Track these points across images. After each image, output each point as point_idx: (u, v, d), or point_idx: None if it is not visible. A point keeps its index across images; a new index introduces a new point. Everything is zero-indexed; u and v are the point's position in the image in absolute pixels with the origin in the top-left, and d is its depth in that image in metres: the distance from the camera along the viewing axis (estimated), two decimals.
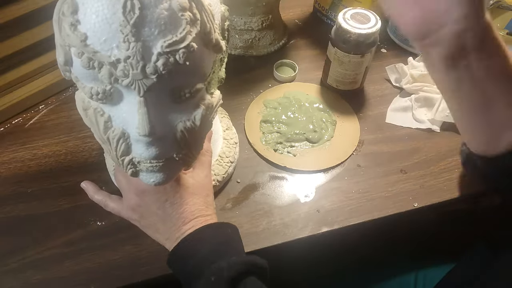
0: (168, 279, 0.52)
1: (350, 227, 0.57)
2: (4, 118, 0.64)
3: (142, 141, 0.39)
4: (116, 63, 0.34)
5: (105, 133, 0.40)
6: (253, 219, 0.56)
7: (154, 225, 0.48)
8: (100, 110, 0.39)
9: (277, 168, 0.62)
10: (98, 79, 0.36)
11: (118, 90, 0.37)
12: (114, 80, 0.35)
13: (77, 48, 0.34)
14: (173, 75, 0.36)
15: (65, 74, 0.38)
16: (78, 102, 0.40)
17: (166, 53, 0.34)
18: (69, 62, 0.37)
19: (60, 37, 0.35)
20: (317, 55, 0.78)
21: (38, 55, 0.63)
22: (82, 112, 0.40)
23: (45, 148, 0.61)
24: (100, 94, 0.37)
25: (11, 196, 0.56)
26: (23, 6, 0.56)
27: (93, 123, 0.40)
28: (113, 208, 0.51)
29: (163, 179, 0.42)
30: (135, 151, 0.40)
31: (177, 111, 0.40)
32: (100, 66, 0.35)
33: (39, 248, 0.52)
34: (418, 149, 0.65)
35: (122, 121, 0.39)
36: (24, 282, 0.49)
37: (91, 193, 0.52)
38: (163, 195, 0.47)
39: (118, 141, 0.40)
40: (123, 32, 0.33)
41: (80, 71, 0.36)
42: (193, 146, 0.43)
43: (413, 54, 0.77)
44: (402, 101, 0.71)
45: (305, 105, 0.69)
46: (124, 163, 0.41)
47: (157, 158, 0.40)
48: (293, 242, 0.55)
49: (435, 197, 0.59)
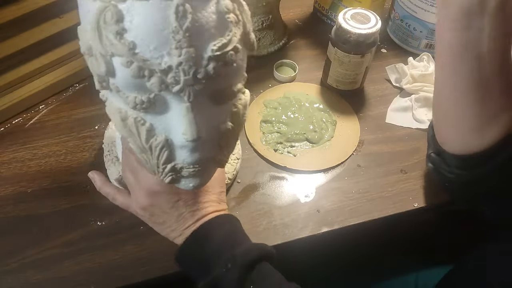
0: (168, 279, 0.52)
1: (350, 227, 0.57)
2: (4, 118, 0.64)
3: (187, 147, 0.38)
4: (167, 70, 0.33)
5: (147, 142, 0.39)
6: (253, 219, 0.56)
7: (165, 223, 0.48)
8: (141, 119, 0.38)
9: (277, 168, 0.62)
10: (143, 88, 0.35)
11: (161, 97, 0.36)
12: (164, 88, 0.34)
13: (126, 57, 0.33)
14: (220, 77, 0.36)
15: (101, 85, 0.36)
16: (114, 113, 0.38)
17: (216, 56, 0.34)
18: (111, 72, 0.35)
19: (101, 46, 0.34)
20: (317, 55, 0.78)
21: (38, 55, 0.63)
22: (119, 123, 0.38)
23: (45, 148, 0.61)
24: (145, 103, 0.36)
25: (11, 196, 0.56)
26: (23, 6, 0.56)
27: (133, 133, 0.38)
28: (122, 203, 0.50)
29: (201, 183, 0.42)
30: (179, 158, 0.40)
31: (218, 113, 0.40)
32: (150, 74, 0.34)
33: (39, 248, 0.52)
34: (418, 149, 0.65)
35: (165, 128, 0.38)
36: (24, 282, 0.49)
37: (98, 184, 0.52)
38: (175, 196, 0.47)
39: (161, 149, 0.39)
40: (175, 39, 0.32)
41: (124, 81, 0.35)
42: (230, 146, 0.43)
43: (413, 54, 0.77)
44: (402, 101, 0.71)
45: (305, 105, 0.69)
46: (165, 171, 0.40)
47: (200, 162, 0.40)
48: (293, 242, 0.55)
49: (435, 197, 0.59)
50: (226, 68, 0.36)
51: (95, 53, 0.34)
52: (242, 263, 0.43)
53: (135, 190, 0.48)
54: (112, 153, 0.56)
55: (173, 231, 0.48)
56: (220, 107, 0.39)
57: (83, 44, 0.36)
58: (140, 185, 0.47)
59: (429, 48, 0.77)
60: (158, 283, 0.52)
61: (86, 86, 0.70)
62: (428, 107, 0.70)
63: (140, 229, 0.54)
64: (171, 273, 0.51)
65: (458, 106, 0.47)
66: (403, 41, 0.80)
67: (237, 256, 0.43)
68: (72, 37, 0.64)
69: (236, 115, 0.41)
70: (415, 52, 0.78)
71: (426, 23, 0.74)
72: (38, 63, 0.63)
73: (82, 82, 0.70)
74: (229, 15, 0.35)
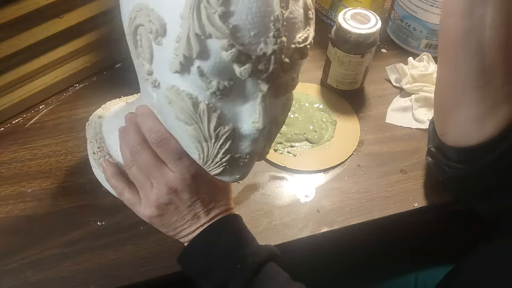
0: (169, 279, 0.52)
1: (350, 227, 0.57)
2: (4, 118, 0.64)
3: (251, 136, 0.39)
4: (261, 57, 0.34)
5: (216, 130, 0.38)
6: (253, 219, 0.56)
7: (177, 222, 0.47)
8: (213, 106, 0.37)
9: (277, 168, 0.62)
10: (228, 73, 0.35)
11: (239, 85, 0.36)
12: (254, 75, 0.35)
13: (228, 40, 0.32)
14: (294, 69, 0.37)
15: (181, 67, 0.35)
16: (182, 99, 0.37)
17: (299, 48, 0.36)
18: (203, 55, 0.34)
19: (199, 27, 0.32)
20: (317, 55, 0.78)
21: (38, 55, 0.62)
22: (188, 109, 0.37)
23: (45, 148, 0.61)
24: (226, 90, 0.36)
25: (11, 196, 0.56)
26: (23, 6, 0.56)
27: (202, 120, 0.38)
28: (129, 199, 0.48)
29: (245, 174, 0.43)
30: (240, 147, 0.40)
31: (276, 105, 0.41)
32: (246, 60, 0.34)
33: (39, 248, 0.52)
34: (418, 149, 0.65)
35: (233, 116, 0.38)
36: (24, 282, 0.49)
37: (109, 174, 0.49)
38: (196, 195, 0.46)
39: (227, 138, 0.39)
40: (275, 27, 0.33)
41: (215, 65, 0.34)
42: (275, 138, 0.44)
43: (413, 54, 0.77)
44: (402, 101, 0.71)
45: (305, 105, 0.69)
46: (222, 160, 0.40)
47: (256, 152, 0.41)
48: (293, 242, 0.55)
49: (435, 197, 0.59)
50: (301, 60, 0.37)
51: (189, 33, 0.33)
52: (252, 265, 0.43)
53: (146, 187, 0.46)
54: (104, 150, 0.53)
55: (185, 229, 0.47)
56: (278, 99, 0.40)
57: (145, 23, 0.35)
58: (158, 182, 0.45)
59: (429, 48, 0.77)
60: (158, 283, 0.52)
61: (86, 86, 0.70)
62: (428, 107, 0.70)
63: (140, 229, 0.54)
64: (171, 273, 0.51)
65: (459, 95, 0.47)
66: (403, 41, 0.80)
67: (248, 256, 0.43)
68: (72, 37, 0.65)
69: (287, 108, 0.43)
70: (415, 52, 0.78)
71: (426, 23, 0.74)
72: (38, 63, 0.63)
73: (82, 82, 0.70)
74: (309, 12, 0.36)
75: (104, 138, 0.53)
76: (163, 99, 0.39)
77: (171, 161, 0.44)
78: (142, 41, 0.37)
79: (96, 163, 0.53)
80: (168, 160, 0.44)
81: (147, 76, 0.39)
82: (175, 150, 0.43)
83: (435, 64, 0.74)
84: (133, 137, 0.45)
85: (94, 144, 0.53)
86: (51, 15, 0.60)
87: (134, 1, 0.36)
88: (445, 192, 0.60)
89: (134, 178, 0.47)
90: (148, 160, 0.44)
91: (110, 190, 0.51)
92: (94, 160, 0.54)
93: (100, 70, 0.71)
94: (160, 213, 0.46)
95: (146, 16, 0.35)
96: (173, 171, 0.44)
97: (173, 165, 0.44)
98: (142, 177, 0.46)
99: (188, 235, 0.47)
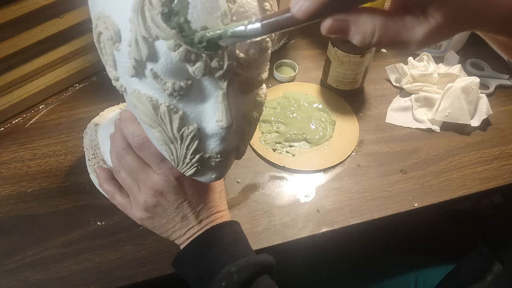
0: (168, 280, 0.52)
1: (350, 227, 0.57)
2: (4, 118, 0.64)
3: (218, 135, 0.38)
4: (213, 54, 0.33)
5: (179, 131, 0.38)
6: (253, 219, 0.56)
7: (168, 223, 0.47)
8: (174, 107, 0.37)
9: (277, 168, 0.62)
10: (183, 73, 0.34)
11: (198, 84, 0.36)
12: (208, 73, 0.34)
13: (174, 41, 0.32)
14: (254, 64, 0.36)
15: (135, 70, 0.35)
16: (143, 102, 0.37)
17: (256, 42, 0.35)
18: (152, 57, 0.33)
19: (145, 29, 0.32)
20: (317, 55, 0.78)
21: (38, 55, 0.63)
22: (149, 112, 0.37)
23: (45, 148, 0.61)
24: (183, 90, 0.35)
25: (11, 196, 0.56)
26: (23, 6, 0.56)
27: (164, 122, 0.37)
28: (121, 203, 0.49)
29: (222, 174, 0.42)
30: (208, 147, 0.39)
31: (245, 102, 0.40)
32: (196, 59, 0.33)
33: (39, 248, 0.52)
34: (418, 149, 0.65)
35: (197, 117, 0.38)
36: (24, 282, 0.49)
37: (101, 180, 0.50)
38: (182, 196, 0.46)
39: (192, 139, 0.38)
40: (223, 22, 0.32)
41: (166, 66, 0.34)
42: (251, 136, 0.43)
43: (413, 54, 0.77)
44: (402, 101, 0.71)
45: (304, 105, 0.69)
46: (192, 161, 0.40)
47: (228, 151, 0.40)
48: (293, 242, 0.55)
49: (435, 197, 0.59)
50: (261, 54, 0.36)
51: (137, 37, 0.33)
52: (237, 283, 0.42)
53: (134, 191, 0.47)
54: (98, 157, 0.54)
55: (176, 231, 0.47)
56: (247, 96, 0.40)
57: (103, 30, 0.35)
58: (144, 185, 0.45)
59: (429, 48, 0.77)
60: (158, 283, 0.52)
61: (86, 86, 0.70)
62: (428, 107, 0.70)
63: (140, 229, 0.54)
64: (171, 273, 0.51)
65: None
66: None
67: (233, 275, 0.42)
68: (72, 37, 0.65)
69: (259, 105, 0.42)
70: (415, 52, 0.78)
71: None
72: (38, 63, 0.63)
73: (82, 82, 0.70)
74: (266, 3, 0.35)
75: (99, 145, 0.54)
76: (130, 104, 0.39)
77: (155, 163, 0.44)
78: (105, 48, 0.37)
79: (91, 169, 0.54)
80: (151, 163, 0.44)
81: (115, 82, 0.39)
82: (157, 152, 0.43)
83: (435, 64, 0.74)
84: (118, 142, 0.46)
85: (89, 151, 0.55)
86: (51, 15, 0.60)
87: (96, 10, 0.36)
88: (445, 192, 0.60)
89: (122, 182, 0.48)
90: (133, 164, 0.45)
91: (106, 194, 0.52)
92: (89, 167, 0.55)
93: (100, 70, 0.71)
94: (149, 216, 0.47)
95: (103, 23, 0.35)
96: (158, 173, 0.45)
97: (157, 168, 0.44)
98: (129, 181, 0.47)
99: (180, 238, 0.47)
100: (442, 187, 0.60)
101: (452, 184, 0.61)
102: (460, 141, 0.66)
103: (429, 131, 0.68)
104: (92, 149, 0.55)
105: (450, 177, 0.62)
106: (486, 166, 0.63)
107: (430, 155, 0.64)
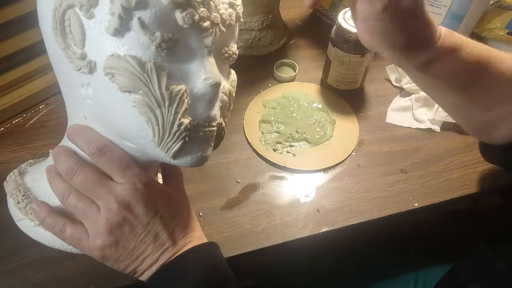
0: None
1: (350, 227, 0.57)
2: (4, 118, 0.64)
3: (206, 95, 0.37)
4: (200, 4, 0.35)
5: (168, 89, 0.35)
6: (253, 219, 0.56)
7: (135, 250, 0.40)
8: (160, 65, 0.35)
9: (277, 168, 0.62)
10: (170, 25, 0.34)
11: (182, 41, 0.36)
12: (197, 21, 0.35)
13: None
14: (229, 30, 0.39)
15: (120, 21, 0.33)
16: (125, 61, 0.34)
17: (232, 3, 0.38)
18: (142, 4, 0.33)
19: None
20: (317, 55, 0.78)
21: (38, 55, 0.62)
22: (135, 69, 0.35)
23: (45, 148, 0.61)
24: (172, 41, 0.35)
25: None
26: (23, 6, 0.56)
27: (151, 80, 0.35)
28: (72, 234, 0.40)
29: (208, 152, 0.40)
30: (196, 112, 0.38)
31: (223, 72, 0.41)
32: (185, 6, 0.34)
33: (39, 248, 0.52)
34: (418, 149, 0.65)
35: (183, 77, 0.37)
36: (24, 282, 0.49)
37: (43, 214, 0.42)
38: (152, 208, 0.40)
39: (181, 98, 0.36)
40: None
41: (154, 13, 0.33)
42: (228, 115, 0.43)
43: None
44: (402, 101, 0.71)
45: (304, 105, 0.69)
46: (180, 129, 0.37)
47: (215, 119, 0.39)
48: (293, 242, 0.55)
49: (435, 197, 0.59)
50: (236, 21, 0.39)
51: None
52: None
53: (91, 213, 0.39)
54: (30, 197, 0.48)
55: (147, 258, 0.40)
56: (223, 66, 0.41)
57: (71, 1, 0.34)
58: (105, 201, 0.39)
59: None
60: None
61: None
62: (428, 106, 0.70)
63: None
64: None
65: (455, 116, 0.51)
66: None
67: None
68: None
69: (235, 80, 0.43)
70: None
71: None
72: (38, 63, 0.63)
73: None
74: None
75: (29, 188, 0.49)
76: (102, 82, 0.36)
77: (118, 170, 0.39)
78: (71, 25, 0.35)
79: (23, 212, 0.48)
80: (113, 171, 0.39)
81: (80, 63, 0.36)
82: (121, 157, 0.38)
83: None
84: (65, 161, 0.40)
85: (17, 194, 0.48)
86: None
87: None
88: (445, 192, 0.60)
89: (74, 208, 0.40)
90: (88, 178, 0.39)
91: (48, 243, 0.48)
92: (19, 211, 0.48)
93: None
94: (114, 240, 0.39)
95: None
96: (121, 182, 0.39)
97: (120, 175, 0.39)
98: (84, 203, 0.39)
99: (151, 267, 0.40)
100: (442, 187, 0.60)
101: (452, 184, 0.61)
102: (460, 141, 0.66)
103: (429, 131, 0.68)
104: (21, 191, 0.48)
105: (450, 177, 0.62)
106: (486, 166, 0.63)
107: (430, 155, 0.64)
